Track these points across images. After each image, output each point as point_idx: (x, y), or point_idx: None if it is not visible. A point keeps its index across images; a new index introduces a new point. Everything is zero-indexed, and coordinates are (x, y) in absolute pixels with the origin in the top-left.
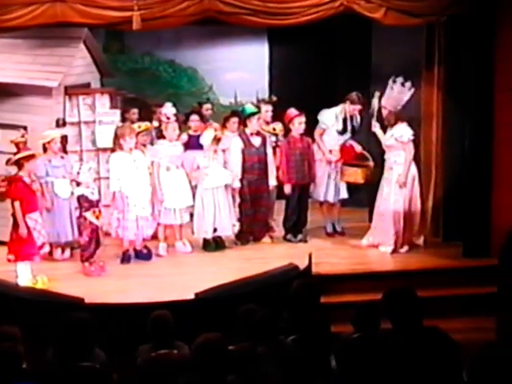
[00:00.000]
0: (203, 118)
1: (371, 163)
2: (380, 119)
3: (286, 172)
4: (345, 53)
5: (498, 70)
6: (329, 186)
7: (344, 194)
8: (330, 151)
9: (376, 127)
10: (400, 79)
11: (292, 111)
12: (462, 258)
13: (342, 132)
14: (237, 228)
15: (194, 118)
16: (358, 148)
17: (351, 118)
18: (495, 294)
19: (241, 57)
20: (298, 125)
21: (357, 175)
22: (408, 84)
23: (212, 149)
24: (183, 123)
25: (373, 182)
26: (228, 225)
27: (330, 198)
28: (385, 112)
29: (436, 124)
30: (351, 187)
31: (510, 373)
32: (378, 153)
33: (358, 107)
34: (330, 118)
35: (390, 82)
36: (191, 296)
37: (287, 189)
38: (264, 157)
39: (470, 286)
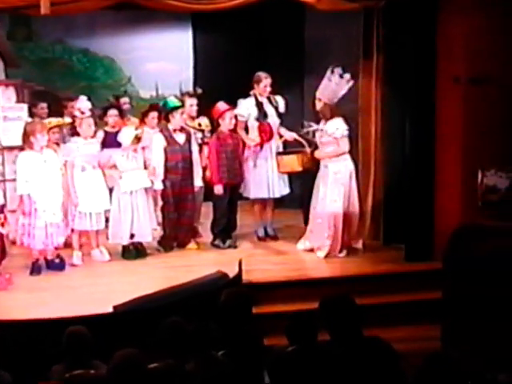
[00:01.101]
0: (122, 113)
1: (308, 149)
2: (313, 114)
3: (216, 171)
4: (277, 40)
5: (440, 58)
6: (260, 181)
7: (284, 190)
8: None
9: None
10: (338, 70)
11: (222, 105)
12: (404, 262)
13: (263, 118)
14: (159, 233)
15: (113, 112)
16: (291, 134)
17: (269, 100)
18: (439, 300)
19: (162, 45)
20: (229, 120)
21: (293, 163)
22: (347, 76)
23: (131, 148)
24: (99, 118)
25: (312, 168)
26: (148, 230)
27: (265, 195)
28: (319, 105)
29: (375, 117)
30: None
31: (454, 383)
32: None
33: (268, 82)
34: (246, 108)
35: (328, 72)
36: (109, 309)
37: (218, 190)
38: (189, 155)
39: (413, 291)
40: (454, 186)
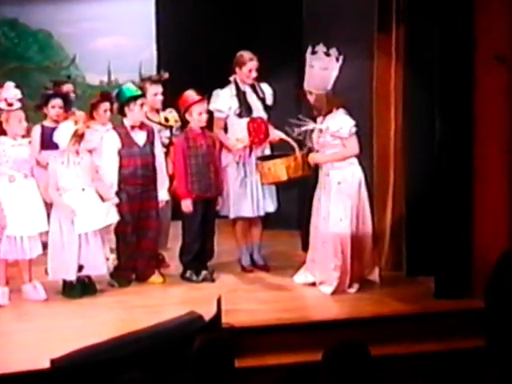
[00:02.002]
0: (67, 104)
1: (298, 153)
2: (307, 113)
3: (184, 182)
4: (265, 11)
5: (478, 33)
6: (244, 195)
7: (269, 207)
8: (237, 140)
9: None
10: (321, 47)
11: (190, 95)
12: (434, 299)
13: (246, 113)
14: (112, 262)
15: (57, 102)
16: (277, 134)
17: (253, 88)
18: (481, 349)
19: (116, 14)
20: (199, 115)
21: (276, 170)
22: (333, 51)
23: (72, 149)
24: (36, 110)
25: (305, 174)
26: (100, 259)
27: (249, 213)
28: (311, 98)
29: (394, 109)
30: (284, 198)
31: None
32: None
33: (253, 66)
34: (224, 100)
35: (308, 55)
36: (46, 364)
37: (186, 206)
38: (151, 159)
39: (446, 338)
40: (499, 202)
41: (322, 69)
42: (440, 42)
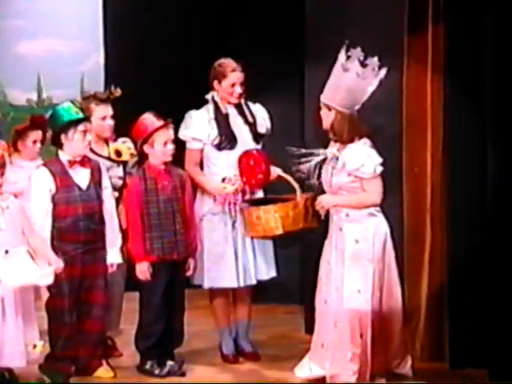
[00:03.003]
0: None
1: (300, 196)
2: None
3: (141, 238)
4: (255, 7)
5: None
6: (226, 257)
7: (262, 273)
8: (223, 180)
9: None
10: (358, 52)
11: (151, 119)
12: None
13: (229, 143)
14: (41, 349)
15: None
16: (273, 170)
17: (239, 109)
18: None
19: (48, 11)
20: (162, 146)
21: (269, 219)
22: (374, 61)
23: None
24: None
25: (309, 227)
26: (19, 347)
27: (232, 283)
28: (328, 118)
29: (431, 139)
30: (280, 260)
31: None
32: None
33: (238, 78)
34: (200, 125)
35: (341, 57)
36: None
37: (143, 271)
38: (97, 207)
39: None
40: None
41: (357, 78)
42: (494, 47)
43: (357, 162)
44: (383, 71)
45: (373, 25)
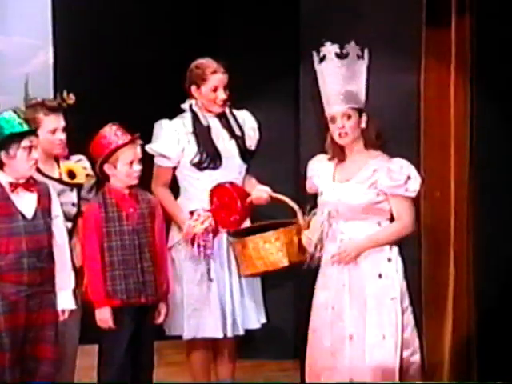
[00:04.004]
0: None
1: (302, 219)
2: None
3: (100, 277)
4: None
5: None
6: (206, 301)
7: (251, 321)
8: (191, 214)
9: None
10: (330, 47)
11: (112, 133)
12: None
13: (211, 162)
14: None
15: None
16: (263, 190)
17: (222, 119)
18: None
19: None
20: (128, 166)
21: (270, 250)
22: (351, 47)
23: None
24: None
25: (305, 260)
26: None
27: (217, 332)
28: (355, 128)
29: (455, 152)
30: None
31: None
32: None
33: (221, 80)
34: (172, 139)
35: (329, 49)
36: None
37: (103, 318)
38: (46, 240)
39: None
40: None
41: (340, 70)
42: None
43: (401, 177)
44: (366, 56)
45: (382, 18)
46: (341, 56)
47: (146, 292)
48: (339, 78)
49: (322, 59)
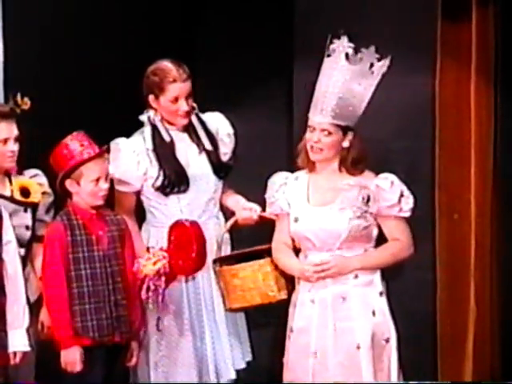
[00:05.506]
0: None
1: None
2: None
3: (65, 312)
4: None
5: None
6: (183, 340)
7: (236, 361)
8: (148, 251)
9: None
10: (343, 42)
11: (76, 145)
12: None
13: (177, 185)
14: None
15: None
16: (248, 207)
17: (190, 131)
18: None
19: None
20: (94, 183)
21: (267, 279)
22: (368, 53)
23: None
24: None
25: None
26: None
27: (191, 377)
28: (335, 146)
29: (477, 169)
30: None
31: None
32: None
33: (184, 88)
34: (130, 161)
35: (342, 45)
36: None
37: (70, 360)
38: None
39: None
40: None
41: (352, 75)
42: None
43: (393, 196)
44: (384, 65)
45: (388, 12)
46: (350, 59)
47: (120, 329)
48: (338, 83)
49: (329, 54)
